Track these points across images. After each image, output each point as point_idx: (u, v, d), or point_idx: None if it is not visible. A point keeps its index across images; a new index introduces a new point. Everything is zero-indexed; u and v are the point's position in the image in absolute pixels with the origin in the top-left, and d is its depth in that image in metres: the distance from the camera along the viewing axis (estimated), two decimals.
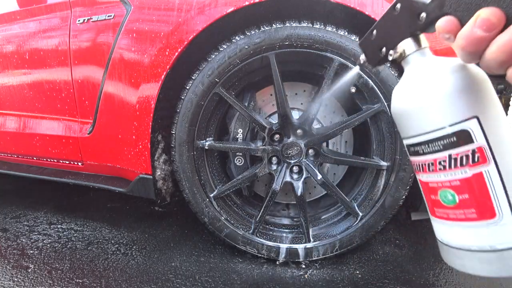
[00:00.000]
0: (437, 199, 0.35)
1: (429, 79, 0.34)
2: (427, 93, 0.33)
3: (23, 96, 1.25)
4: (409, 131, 0.37)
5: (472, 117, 0.32)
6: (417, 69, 0.36)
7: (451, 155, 0.33)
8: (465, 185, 0.33)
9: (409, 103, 0.35)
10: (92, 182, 1.18)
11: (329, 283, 0.95)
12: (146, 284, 0.91)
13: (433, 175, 0.35)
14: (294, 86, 1.13)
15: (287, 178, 1.03)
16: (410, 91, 0.35)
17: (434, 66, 0.35)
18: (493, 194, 0.32)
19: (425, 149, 0.35)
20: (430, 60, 0.36)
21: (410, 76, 0.37)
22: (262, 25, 0.91)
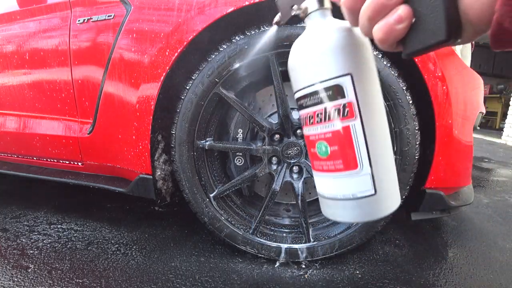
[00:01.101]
0: (315, 152, 0.38)
1: (316, 37, 0.37)
2: (312, 49, 0.36)
3: (23, 96, 1.25)
4: (297, 85, 0.39)
5: (346, 73, 0.35)
6: (313, 26, 0.39)
7: (326, 108, 0.36)
8: (336, 137, 0.36)
9: (298, 58, 0.38)
10: (92, 182, 1.18)
11: (329, 283, 0.95)
12: (146, 284, 0.91)
13: (313, 127, 0.38)
14: None
15: (287, 178, 1.03)
16: (302, 46, 0.38)
17: (326, 26, 0.37)
18: (357, 146, 0.35)
19: (308, 102, 0.37)
20: (326, 21, 0.39)
21: (307, 32, 0.39)
22: (262, 25, 0.91)
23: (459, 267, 1.06)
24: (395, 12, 0.28)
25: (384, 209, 0.37)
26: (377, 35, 0.29)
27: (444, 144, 0.93)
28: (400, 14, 0.28)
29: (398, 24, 0.28)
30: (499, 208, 1.70)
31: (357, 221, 0.38)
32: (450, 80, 0.89)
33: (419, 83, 0.90)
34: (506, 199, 1.89)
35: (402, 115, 0.92)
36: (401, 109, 0.92)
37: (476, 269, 1.04)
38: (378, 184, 0.36)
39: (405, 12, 0.28)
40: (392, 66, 0.91)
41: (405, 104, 0.92)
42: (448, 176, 0.97)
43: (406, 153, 0.94)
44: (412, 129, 0.92)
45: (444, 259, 1.10)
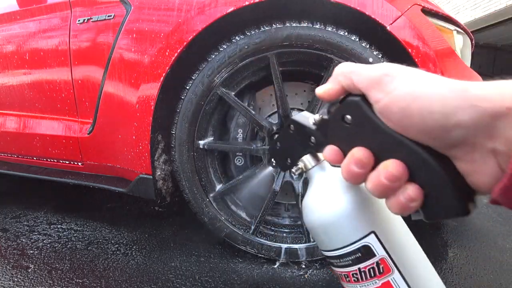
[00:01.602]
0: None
1: (326, 200, 0.35)
2: (326, 214, 0.35)
3: (23, 96, 1.25)
4: (320, 246, 0.38)
5: (369, 232, 0.33)
6: (318, 185, 0.38)
7: (360, 268, 0.35)
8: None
9: (313, 222, 0.37)
10: (92, 182, 1.18)
11: (329, 283, 0.95)
12: (146, 284, 0.91)
13: (351, 285, 0.36)
14: (294, 86, 1.13)
15: (287, 178, 1.03)
16: (313, 209, 0.37)
17: (331, 184, 0.36)
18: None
19: (338, 263, 0.36)
20: (328, 174, 0.37)
21: (313, 191, 0.38)
22: (262, 25, 0.91)
23: (459, 267, 1.05)
24: (405, 192, 0.26)
25: None
26: (391, 209, 0.28)
27: None
28: (410, 194, 0.26)
29: (411, 203, 0.26)
30: (499, 208, 1.70)
31: None
32: None
33: None
34: None
35: None
36: None
37: (476, 269, 1.04)
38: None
39: (414, 192, 0.26)
40: None
41: None
42: None
43: None
44: None
45: (444, 259, 1.10)
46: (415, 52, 0.87)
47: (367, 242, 0.34)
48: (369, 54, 0.90)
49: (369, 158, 0.28)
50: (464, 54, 1.05)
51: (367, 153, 0.28)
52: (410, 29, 0.87)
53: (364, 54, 0.90)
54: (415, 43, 0.87)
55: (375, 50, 0.90)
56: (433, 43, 0.88)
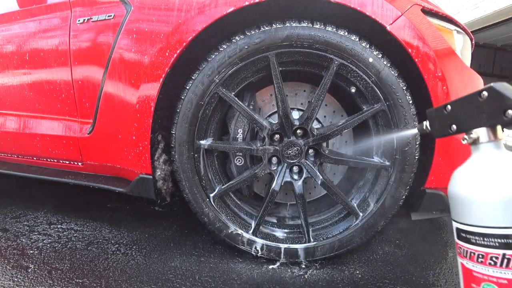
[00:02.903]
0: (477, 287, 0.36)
1: (499, 178, 0.34)
2: (494, 191, 0.33)
3: (23, 96, 1.25)
4: (464, 218, 0.37)
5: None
6: (488, 160, 0.36)
7: (505, 254, 0.33)
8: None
9: (472, 193, 0.35)
10: (92, 182, 1.18)
11: (329, 283, 0.95)
12: (146, 284, 0.91)
13: (481, 266, 0.35)
14: (294, 86, 1.13)
15: (287, 178, 1.03)
16: (476, 181, 0.35)
17: (507, 165, 0.35)
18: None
19: (478, 240, 0.35)
20: (503, 155, 0.36)
21: (479, 164, 0.37)
22: (262, 25, 0.91)
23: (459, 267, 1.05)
24: None
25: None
26: None
27: (444, 144, 0.93)
28: None
29: None
30: None
31: None
32: (450, 80, 0.89)
33: (419, 83, 0.90)
34: None
35: (402, 115, 0.92)
36: (401, 109, 0.92)
37: None
38: None
39: None
40: (392, 66, 0.91)
41: (405, 104, 0.92)
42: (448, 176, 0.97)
43: (406, 153, 0.94)
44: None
45: (444, 259, 1.10)
46: (415, 52, 0.87)
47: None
48: (369, 54, 0.90)
49: None
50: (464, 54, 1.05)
51: None
52: (410, 29, 0.87)
53: (364, 54, 0.90)
54: (415, 43, 0.87)
55: (375, 50, 0.91)
56: (433, 43, 0.88)
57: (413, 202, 1.03)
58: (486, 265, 0.34)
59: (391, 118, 0.94)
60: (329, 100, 1.13)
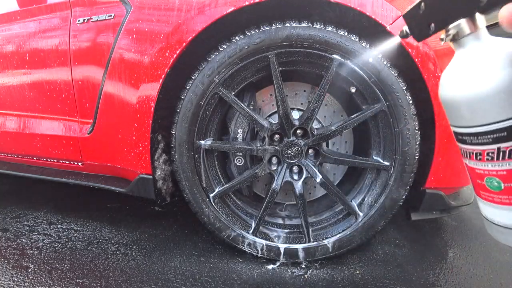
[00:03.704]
0: (483, 184, 0.37)
1: (483, 71, 0.33)
2: (480, 86, 0.32)
3: (23, 96, 1.25)
4: (458, 121, 0.36)
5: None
6: (471, 55, 0.35)
7: (500, 148, 0.33)
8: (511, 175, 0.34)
9: (460, 93, 0.34)
10: (92, 182, 1.18)
11: (329, 283, 0.95)
12: (146, 284, 0.91)
13: (480, 163, 0.36)
14: (294, 86, 1.13)
15: (287, 178, 1.03)
16: (462, 80, 0.34)
17: (490, 55, 0.33)
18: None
19: (473, 140, 0.35)
20: (485, 45, 0.34)
21: (463, 62, 0.35)
22: (262, 25, 0.91)
23: (459, 267, 1.06)
24: None
25: None
26: None
27: (444, 144, 0.93)
28: None
29: None
30: None
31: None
32: None
33: (419, 83, 0.90)
34: None
35: (402, 115, 0.92)
36: (401, 109, 0.92)
37: (476, 269, 1.04)
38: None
39: None
40: (392, 66, 0.91)
41: (405, 104, 0.92)
42: (448, 176, 0.97)
43: (406, 153, 0.94)
44: (412, 129, 0.92)
45: (444, 259, 1.10)
46: (415, 52, 0.87)
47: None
48: (369, 54, 0.90)
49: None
50: None
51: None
52: None
53: (364, 54, 0.90)
54: (415, 43, 0.87)
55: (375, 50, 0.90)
56: (433, 43, 0.88)
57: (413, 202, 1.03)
58: (484, 161, 0.35)
59: (391, 119, 0.94)
60: (329, 100, 1.13)
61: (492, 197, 0.37)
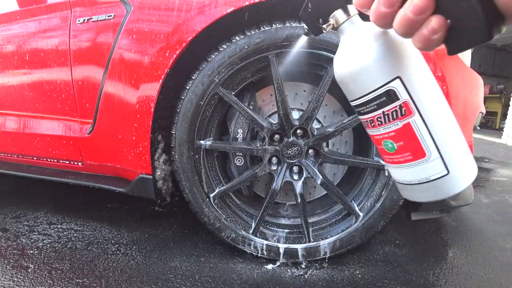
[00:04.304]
0: (382, 148, 0.42)
1: (356, 49, 0.39)
2: (356, 63, 0.38)
3: (23, 96, 1.25)
4: (349, 95, 0.42)
5: (395, 77, 0.37)
6: (348, 38, 0.41)
7: (384, 111, 0.38)
8: (399, 134, 0.39)
9: (344, 71, 0.40)
10: (92, 182, 1.18)
11: (329, 283, 0.95)
12: (146, 284, 0.91)
13: (375, 129, 0.41)
14: (294, 86, 1.13)
15: (287, 178, 1.03)
16: (344, 60, 0.40)
17: (361, 35, 0.39)
18: (421, 138, 0.38)
19: (364, 109, 0.40)
20: (358, 28, 0.40)
21: (345, 44, 0.41)
22: (262, 25, 0.91)
23: (459, 267, 1.06)
24: (428, 24, 0.28)
25: (460, 183, 0.39)
26: (416, 45, 0.30)
27: None
28: (433, 26, 0.28)
29: (433, 35, 0.28)
30: (499, 208, 1.70)
31: (436, 199, 0.40)
32: (450, 80, 0.89)
33: None
34: (506, 199, 1.89)
35: None
36: None
37: (476, 269, 1.04)
38: (449, 164, 0.38)
39: (437, 23, 0.28)
40: None
41: None
42: None
43: None
44: None
45: (444, 259, 1.10)
46: None
47: (392, 86, 0.37)
48: None
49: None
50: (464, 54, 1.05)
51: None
52: None
53: None
54: None
55: None
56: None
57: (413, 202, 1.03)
58: (377, 126, 0.40)
59: None
60: (329, 100, 1.13)
61: (392, 159, 0.41)
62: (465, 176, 0.40)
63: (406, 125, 0.38)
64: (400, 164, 0.40)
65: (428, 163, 0.38)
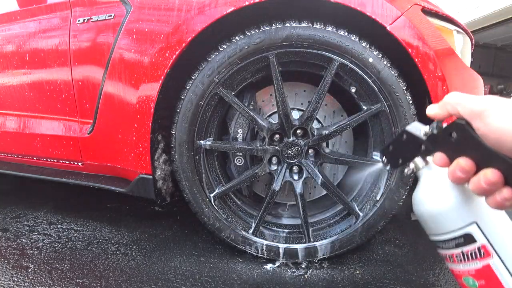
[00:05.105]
0: (463, 282, 0.44)
1: (436, 193, 0.43)
2: (435, 205, 0.42)
3: (23, 96, 1.25)
4: (429, 231, 0.46)
5: (471, 222, 0.40)
6: (427, 182, 0.45)
7: (463, 251, 0.42)
8: (480, 273, 0.41)
9: (423, 210, 0.44)
10: (92, 182, 1.18)
11: (329, 283, 0.95)
12: (146, 284, 0.91)
13: (455, 265, 0.44)
14: (294, 86, 1.13)
15: (287, 178, 1.03)
16: (423, 200, 0.44)
17: (440, 180, 0.43)
18: (502, 278, 0.40)
19: (444, 245, 0.44)
20: (436, 174, 0.44)
21: (423, 187, 0.45)
22: (262, 25, 0.91)
23: None
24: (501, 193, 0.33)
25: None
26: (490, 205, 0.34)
27: None
28: (505, 196, 0.32)
29: (506, 202, 0.33)
30: None
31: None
32: (450, 80, 0.89)
33: (419, 83, 0.90)
34: None
35: (402, 115, 0.92)
36: (401, 109, 0.92)
37: None
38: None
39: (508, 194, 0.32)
40: (392, 66, 0.91)
41: (405, 104, 0.92)
42: None
43: None
44: None
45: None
46: (415, 52, 0.87)
47: (469, 230, 0.40)
48: (369, 54, 0.90)
49: (471, 167, 0.35)
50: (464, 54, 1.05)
51: (470, 162, 0.35)
52: (410, 29, 0.87)
53: (364, 54, 0.90)
54: (415, 43, 0.87)
55: (375, 50, 0.91)
56: (433, 43, 0.88)
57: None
58: (456, 263, 0.43)
59: (391, 118, 0.94)
60: (329, 100, 1.13)
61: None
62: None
63: (486, 266, 0.40)
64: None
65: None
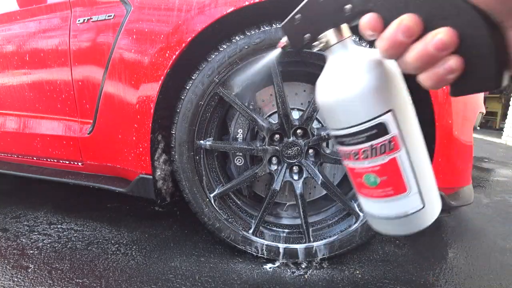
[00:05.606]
0: (362, 182, 0.40)
1: (349, 76, 0.36)
2: (347, 90, 0.35)
3: (23, 96, 1.25)
4: (333, 125, 0.39)
5: (387, 111, 0.35)
6: (337, 62, 0.38)
7: (373, 145, 0.37)
8: (384, 169, 0.37)
9: (331, 99, 0.37)
10: (92, 182, 1.18)
11: (329, 283, 0.95)
12: (146, 284, 0.91)
13: (358, 162, 0.39)
14: (294, 86, 1.13)
15: (287, 178, 1.03)
16: (331, 86, 0.37)
17: (353, 62, 0.36)
18: (404, 173, 0.37)
19: (350, 141, 0.38)
20: (350, 53, 0.38)
21: (332, 69, 0.38)
22: (262, 25, 0.91)
23: (459, 267, 1.06)
24: (446, 63, 0.27)
25: (431, 217, 0.40)
26: (425, 82, 0.29)
27: (444, 144, 0.93)
28: (451, 66, 0.26)
29: (449, 74, 0.27)
30: (499, 208, 1.70)
31: (409, 233, 0.41)
32: None
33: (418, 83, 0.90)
34: (506, 199, 1.89)
35: None
36: None
37: (476, 269, 1.04)
38: (425, 197, 0.39)
39: (456, 63, 0.26)
40: None
41: None
42: (448, 176, 0.97)
43: None
44: None
45: (444, 259, 1.10)
46: None
47: (383, 119, 0.35)
48: None
49: (419, 26, 0.27)
50: None
51: (418, 20, 0.27)
52: None
53: None
54: None
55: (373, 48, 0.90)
56: None
57: None
58: (361, 160, 0.38)
59: None
60: None
61: (371, 193, 0.40)
62: (436, 209, 0.41)
63: (392, 160, 0.37)
64: (379, 199, 0.40)
65: (407, 197, 0.38)
